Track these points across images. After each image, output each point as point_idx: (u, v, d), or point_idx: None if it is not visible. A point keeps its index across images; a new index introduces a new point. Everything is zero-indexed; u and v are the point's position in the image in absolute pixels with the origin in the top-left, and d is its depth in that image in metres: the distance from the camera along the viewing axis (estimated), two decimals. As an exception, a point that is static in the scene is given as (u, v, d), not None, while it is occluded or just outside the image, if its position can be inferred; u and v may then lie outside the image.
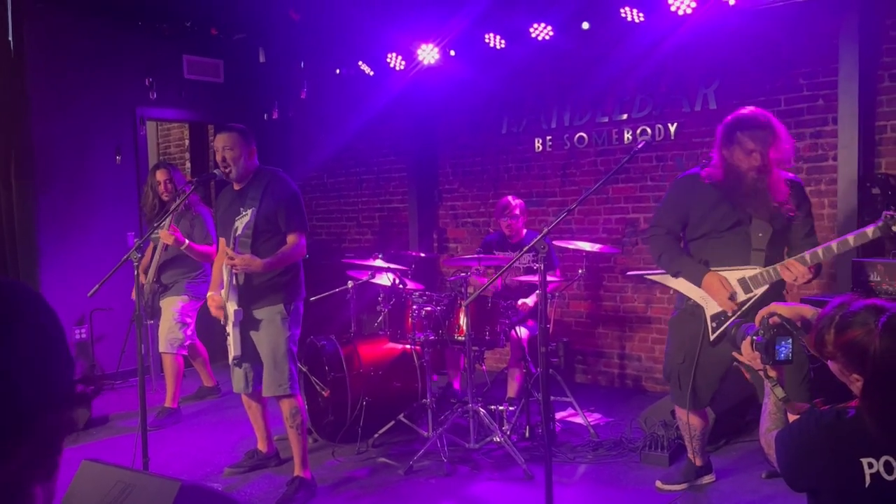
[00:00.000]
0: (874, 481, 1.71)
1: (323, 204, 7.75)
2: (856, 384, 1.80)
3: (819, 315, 1.91)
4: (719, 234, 3.35)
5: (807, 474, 1.83)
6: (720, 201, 3.33)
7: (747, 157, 3.21)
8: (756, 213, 3.27)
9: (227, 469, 4.19)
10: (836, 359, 1.83)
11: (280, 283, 3.76)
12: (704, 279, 3.32)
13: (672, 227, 3.51)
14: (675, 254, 3.46)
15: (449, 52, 5.95)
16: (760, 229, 3.27)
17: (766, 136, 3.19)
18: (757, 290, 3.25)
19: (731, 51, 5.09)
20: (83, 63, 6.29)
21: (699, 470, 3.76)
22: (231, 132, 3.76)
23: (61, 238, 6.16)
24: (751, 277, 3.26)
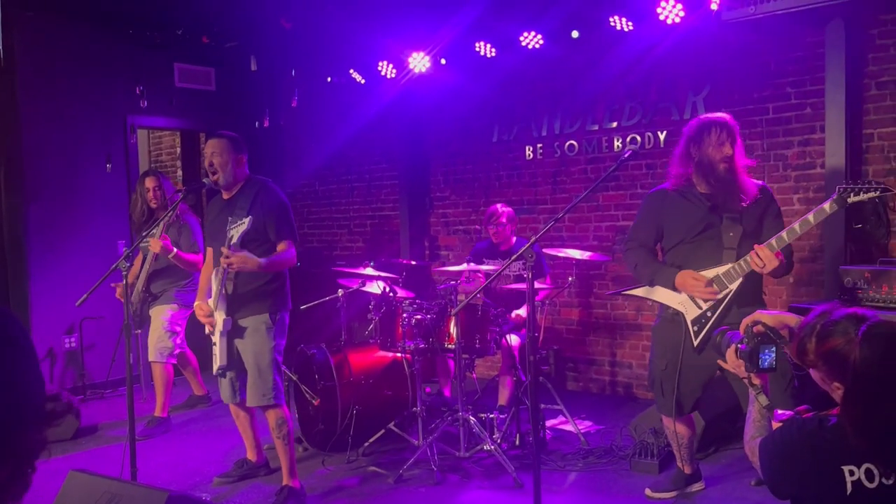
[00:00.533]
0: (855, 489, 1.72)
1: (315, 211, 7.76)
2: (837, 392, 1.81)
3: (801, 324, 1.92)
4: (691, 240, 3.41)
5: (789, 481, 1.84)
6: (689, 208, 3.42)
7: (719, 148, 3.31)
8: (727, 207, 3.34)
9: (217, 479, 4.18)
10: (817, 367, 1.84)
11: (266, 293, 3.75)
12: (676, 279, 3.38)
13: (644, 241, 3.58)
14: (647, 262, 3.53)
15: (440, 60, 5.97)
16: (731, 229, 3.34)
17: (733, 133, 3.33)
18: (731, 286, 3.29)
19: (719, 59, 5.12)
20: (74, 71, 6.29)
21: (688, 478, 3.76)
22: (221, 138, 3.77)
23: (51, 247, 6.14)
24: (723, 274, 3.31)
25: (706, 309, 3.34)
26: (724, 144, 3.31)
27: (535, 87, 6.03)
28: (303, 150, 7.60)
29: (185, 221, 5.13)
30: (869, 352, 1.72)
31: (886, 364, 1.72)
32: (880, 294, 3.78)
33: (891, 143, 4.51)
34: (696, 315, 3.37)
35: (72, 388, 6.12)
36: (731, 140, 3.32)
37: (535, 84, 6.03)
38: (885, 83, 4.51)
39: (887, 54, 4.49)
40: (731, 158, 3.31)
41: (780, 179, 4.92)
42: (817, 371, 1.85)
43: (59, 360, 6.21)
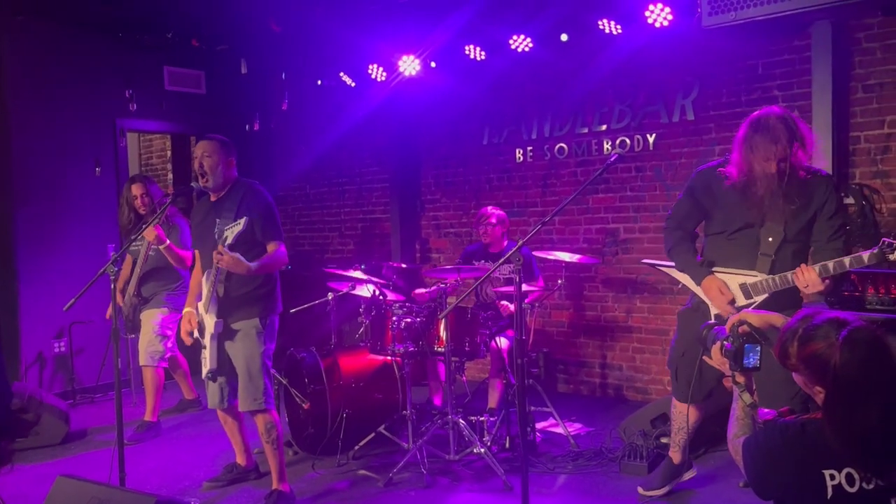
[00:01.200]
0: (836, 493, 1.74)
1: (305, 214, 7.75)
2: (819, 396, 1.83)
3: (784, 327, 1.94)
4: (730, 234, 3.31)
5: (772, 485, 1.85)
6: (733, 201, 3.25)
7: (764, 164, 3.11)
8: (774, 207, 3.17)
9: (206, 483, 4.17)
10: (799, 371, 1.85)
11: (257, 296, 3.75)
12: (703, 282, 3.31)
13: (683, 222, 3.47)
14: (681, 251, 3.44)
15: (430, 63, 5.98)
16: (771, 233, 3.20)
17: (784, 141, 3.07)
18: (757, 298, 3.21)
19: (707, 62, 5.15)
20: (63, 75, 6.27)
21: (678, 468, 3.74)
22: (211, 141, 3.77)
23: (40, 251, 6.12)
24: (752, 284, 3.22)
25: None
26: (768, 161, 3.08)
27: (525, 91, 6.05)
28: (293, 153, 7.60)
29: (174, 223, 5.12)
30: (849, 356, 1.73)
31: (866, 369, 1.73)
32: (867, 295, 3.80)
33: (877, 146, 4.55)
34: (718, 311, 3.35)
35: (61, 393, 6.09)
36: (779, 154, 3.07)
37: (524, 87, 6.05)
38: (871, 86, 4.54)
39: (874, 57, 4.53)
40: (781, 172, 3.08)
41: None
42: (800, 375, 1.86)
43: (48, 364, 6.18)
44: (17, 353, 6.01)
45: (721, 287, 3.27)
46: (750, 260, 3.25)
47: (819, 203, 3.20)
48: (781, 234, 3.19)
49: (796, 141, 3.11)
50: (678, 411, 3.66)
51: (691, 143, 5.28)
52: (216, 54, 6.76)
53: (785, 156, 3.08)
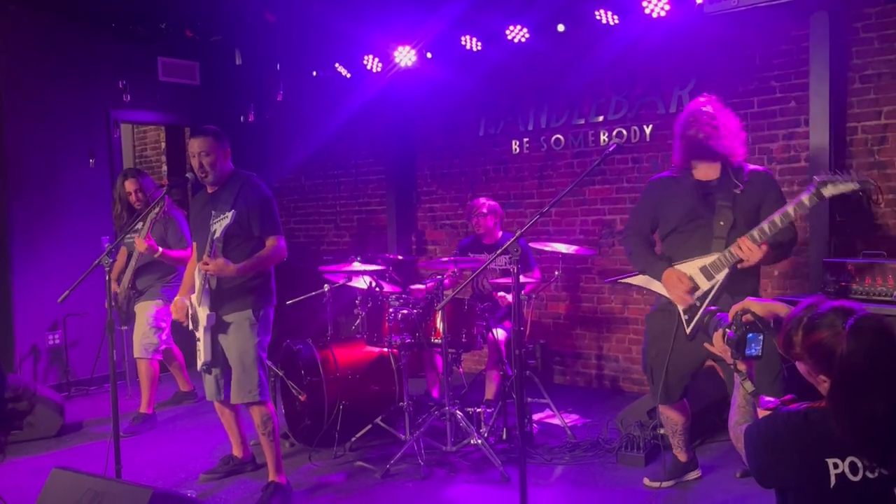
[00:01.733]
0: (839, 482, 1.73)
1: (301, 206, 7.72)
2: (823, 385, 1.82)
3: (788, 316, 1.92)
4: (683, 229, 3.42)
5: (774, 473, 1.85)
6: (683, 195, 3.41)
7: (696, 130, 3.32)
8: (720, 195, 3.33)
9: (203, 475, 4.15)
10: (803, 360, 1.84)
11: (250, 288, 3.73)
12: (663, 275, 3.40)
13: (640, 228, 3.60)
14: (640, 252, 3.55)
15: (426, 54, 5.95)
16: (722, 218, 3.32)
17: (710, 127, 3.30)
18: (718, 276, 3.29)
19: (704, 53, 5.13)
20: (56, 65, 6.22)
21: (685, 466, 3.81)
22: (206, 136, 3.72)
23: (34, 243, 6.08)
24: (710, 264, 3.31)
25: (696, 299, 3.35)
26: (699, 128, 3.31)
27: (522, 81, 6.02)
28: (288, 145, 7.56)
29: (170, 216, 5.08)
30: (856, 345, 1.72)
31: (873, 358, 1.72)
32: (864, 286, 3.80)
33: (874, 136, 4.54)
34: (687, 305, 3.38)
35: (56, 386, 6.07)
36: (713, 122, 3.30)
37: (521, 78, 6.02)
38: (868, 76, 4.53)
39: (871, 47, 4.52)
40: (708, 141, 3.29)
41: (765, 173, 4.93)
42: (803, 364, 1.85)
43: (42, 356, 6.15)
44: (12, 345, 5.98)
45: (679, 276, 3.35)
46: (705, 248, 3.34)
47: (762, 191, 3.35)
48: (731, 218, 3.31)
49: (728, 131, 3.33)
50: (665, 416, 3.72)
51: (688, 133, 5.25)
52: (210, 45, 6.71)
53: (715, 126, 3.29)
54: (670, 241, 3.50)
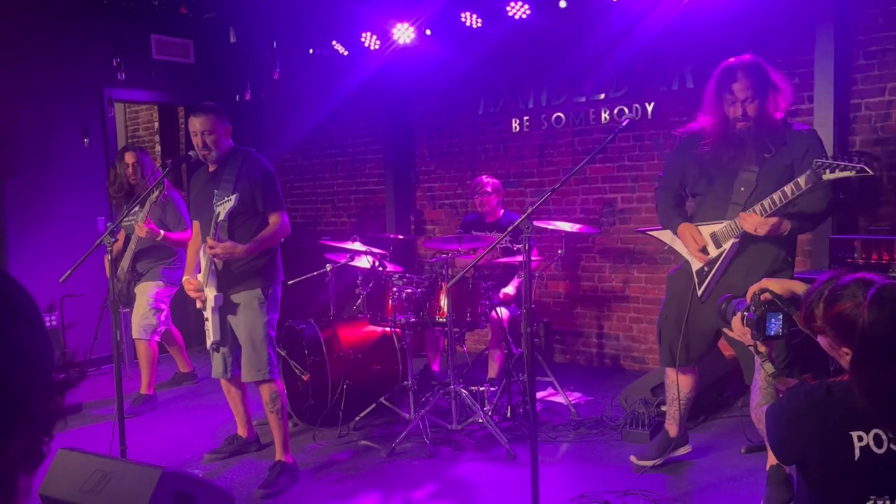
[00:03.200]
0: (863, 454, 1.73)
1: (298, 186, 7.66)
2: (845, 358, 1.81)
3: (808, 290, 1.92)
4: (705, 190, 3.35)
5: (797, 447, 1.85)
6: (709, 157, 3.28)
7: (732, 107, 3.16)
8: (747, 158, 3.19)
9: (207, 455, 4.14)
10: (825, 333, 1.83)
11: (257, 268, 3.70)
12: (678, 229, 3.37)
13: (669, 184, 3.51)
14: (663, 207, 3.50)
15: (425, 31, 5.87)
16: (743, 184, 3.20)
17: (750, 84, 3.10)
18: (726, 245, 3.24)
19: (708, 29, 5.09)
20: (48, 43, 6.11)
21: (675, 441, 3.73)
22: (207, 114, 3.67)
23: (28, 223, 6.01)
24: (719, 231, 3.26)
25: (704, 264, 3.33)
26: (735, 104, 3.13)
27: (522, 59, 5.97)
28: (285, 124, 7.48)
29: (168, 197, 5.03)
30: (878, 314, 1.71)
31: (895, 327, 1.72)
32: (870, 262, 3.81)
33: (878, 113, 4.53)
34: (698, 267, 3.37)
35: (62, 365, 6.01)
36: (750, 93, 3.10)
37: (521, 55, 5.97)
38: (873, 52, 4.51)
39: (875, 24, 4.49)
40: (748, 116, 3.14)
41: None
42: (825, 337, 1.84)
43: (39, 338, 6.09)
44: (8, 327, 5.92)
45: (694, 234, 3.31)
46: (721, 213, 3.27)
47: (798, 155, 3.14)
48: (753, 183, 3.18)
49: (769, 88, 3.13)
50: (670, 381, 3.65)
51: (691, 111, 5.20)
52: (205, 23, 6.61)
53: (751, 97, 3.11)
54: (698, 202, 3.43)
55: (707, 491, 3.50)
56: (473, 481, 3.76)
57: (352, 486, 3.74)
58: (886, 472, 1.74)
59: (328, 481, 3.81)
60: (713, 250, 3.30)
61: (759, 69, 3.13)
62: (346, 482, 3.79)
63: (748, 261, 3.24)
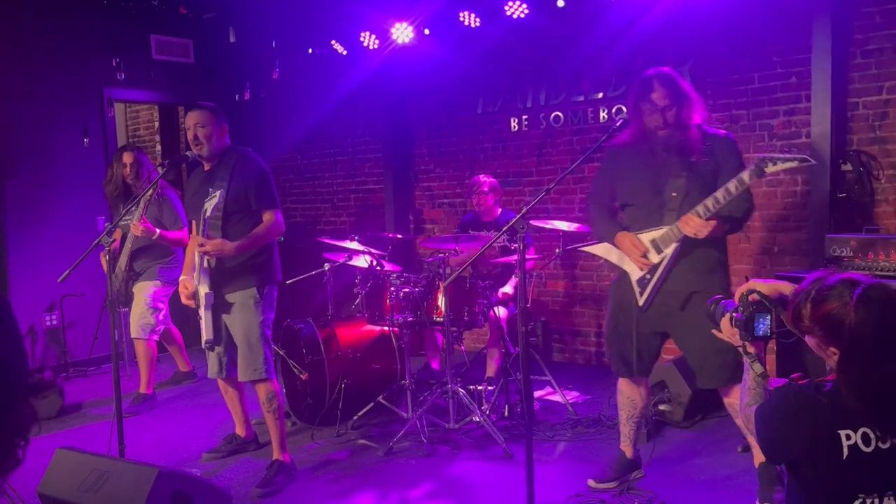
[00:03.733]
0: (852, 453, 1.74)
1: (297, 185, 7.67)
2: (833, 358, 1.82)
3: (796, 290, 1.93)
4: (637, 200, 3.36)
5: (786, 447, 1.86)
6: (637, 166, 3.30)
7: (651, 116, 3.23)
8: (674, 164, 3.24)
9: (206, 454, 4.15)
10: (813, 333, 1.84)
11: (254, 266, 3.71)
12: (616, 238, 3.36)
13: (600, 196, 3.51)
14: (598, 220, 3.50)
15: (423, 30, 5.88)
16: (674, 189, 3.24)
17: (670, 94, 3.19)
18: (667, 250, 3.24)
19: (705, 28, 5.09)
20: (47, 43, 6.13)
21: (630, 464, 3.61)
22: (203, 109, 3.70)
23: (28, 223, 6.03)
24: (660, 238, 3.26)
25: (645, 272, 3.32)
26: (654, 113, 3.20)
27: (520, 58, 5.98)
28: (284, 124, 7.50)
29: (164, 196, 5.04)
30: (865, 314, 1.73)
31: (881, 326, 1.73)
32: (866, 262, 3.81)
33: (875, 112, 4.53)
34: (639, 276, 3.36)
35: (54, 367, 6.05)
36: (668, 101, 3.18)
37: (520, 55, 5.97)
38: (870, 51, 4.51)
39: (873, 22, 4.49)
40: (668, 123, 3.19)
41: (766, 149, 4.92)
42: (813, 337, 1.85)
43: (39, 338, 6.13)
44: (8, 326, 5.94)
45: (633, 241, 3.30)
46: (657, 220, 3.28)
47: (720, 159, 3.23)
48: (684, 189, 3.23)
49: (683, 97, 3.22)
50: (624, 397, 3.58)
51: (688, 110, 5.23)
52: (204, 22, 6.63)
53: (668, 105, 3.18)
54: (628, 212, 3.43)
55: (703, 490, 3.51)
56: (470, 480, 3.77)
57: (349, 484, 3.76)
58: (874, 471, 1.75)
59: (325, 480, 3.82)
60: (655, 256, 3.28)
61: (673, 79, 3.24)
62: (344, 481, 3.80)
63: (687, 264, 3.26)
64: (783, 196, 4.90)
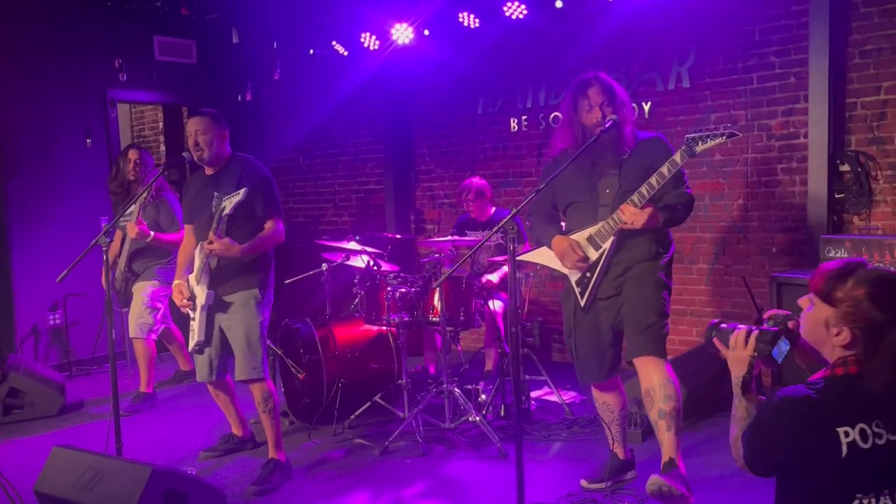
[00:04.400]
0: (850, 450, 1.72)
1: (299, 186, 7.71)
2: (837, 339, 1.80)
3: (835, 262, 1.89)
4: (574, 201, 3.38)
5: (777, 452, 1.81)
6: (570, 170, 3.24)
7: (589, 113, 3.26)
8: (606, 162, 3.27)
9: (203, 452, 4.19)
10: (839, 305, 1.80)
11: (255, 268, 3.76)
12: (553, 243, 3.37)
13: (541, 206, 3.52)
14: (537, 225, 3.52)
15: (423, 31, 5.90)
16: (608, 186, 3.27)
17: (607, 91, 3.26)
18: (605, 245, 3.26)
19: (703, 29, 5.09)
20: (51, 44, 6.18)
21: (624, 464, 3.59)
22: (204, 116, 3.74)
23: (32, 223, 6.08)
24: (595, 233, 3.27)
25: (585, 270, 3.33)
26: (593, 109, 3.25)
27: (520, 59, 5.98)
28: (286, 124, 7.53)
29: (162, 197, 5.08)
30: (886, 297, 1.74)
31: None
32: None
33: (873, 112, 4.51)
34: (578, 277, 3.36)
35: (57, 365, 6.10)
36: (603, 100, 3.25)
37: (519, 55, 5.98)
38: (868, 52, 4.49)
39: (871, 22, 4.47)
40: (602, 123, 3.21)
41: (764, 150, 4.92)
42: (835, 309, 1.81)
43: (43, 337, 6.18)
44: (12, 325, 6.01)
45: (571, 244, 3.32)
46: (593, 218, 3.31)
47: (654, 154, 3.25)
48: (617, 184, 3.26)
49: (617, 97, 3.28)
50: (600, 402, 3.57)
51: (687, 110, 5.24)
52: (207, 23, 6.66)
53: (606, 101, 3.24)
54: (568, 215, 3.45)
55: (698, 490, 3.51)
56: (465, 479, 3.79)
57: (344, 483, 3.78)
58: (872, 468, 1.73)
59: (321, 479, 3.85)
60: (593, 254, 3.30)
61: (608, 81, 3.32)
62: (339, 480, 3.82)
63: (627, 255, 3.28)
64: (781, 196, 4.89)
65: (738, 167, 5.04)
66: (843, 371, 1.80)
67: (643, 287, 3.28)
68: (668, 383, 3.25)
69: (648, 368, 3.28)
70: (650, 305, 3.26)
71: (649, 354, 3.27)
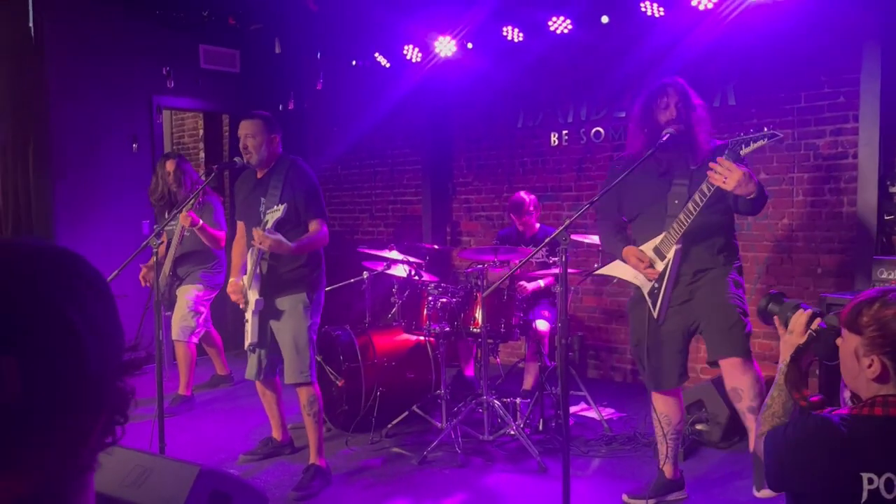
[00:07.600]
0: (871, 498, 1.64)
1: (337, 195, 7.76)
2: (868, 370, 1.71)
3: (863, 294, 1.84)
4: (642, 211, 3.36)
5: (796, 478, 1.74)
6: (641, 176, 3.23)
7: (665, 111, 3.24)
8: (676, 171, 3.25)
9: (242, 456, 4.21)
10: (864, 332, 1.72)
11: (304, 273, 3.79)
12: (623, 253, 3.36)
13: (607, 212, 3.50)
14: (606, 237, 3.51)
15: (466, 44, 5.93)
16: (676, 196, 3.25)
17: (679, 94, 3.26)
18: (669, 254, 3.24)
19: (751, 47, 5.06)
20: (101, 51, 6.31)
21: (670, 484, 3.52)
22: (254, 119, 3.79)
23: (77, 225, 6.19)
24: (660, 243, 3.26)
25: (653, 281, 3.31)
26: (668, 108, 3.23)
27: (563, 73, 5.99)
28: (326, 134, 7.60)
29: (207, 201, 5.15)
30: None
31: None
32: (914, 285, 3.74)
33: (925, 134, 4.45)
34: (649, 288, 3.34)
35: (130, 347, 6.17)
36: (677, 101, 3.24)
37: (562, 70, 5.99)
38: (921, 72, 4.44)
39: (924, 43, 4.42)
40: (681, 117, 3.21)
41: (811, 169, 4.87)
42: (862, 337, 1.73)
43: (83, 337, 6.25)
44: (54, 325, 6.08)
45: (638, 254, 3.30)
46: (661, 225, 3.27)
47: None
48: (686, 194, 3.21)
49: (693, 100, 3.27)
50: (659, 414, 3.50)
51: (732, 128, 5.18)
52: (251, 33, 6.76)
53: (682, 102, 3.22)
54: (635, 225, 3.43)
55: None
56: (503, 492, 3.77)
57: (383, 491, 3.77)
58: None
59: (360, 486, 3.84)
60: (659, 264, 3.28)
61: (686, 87, 3.31)
62: (378, 488, 3.82)
63: (696, 264, 3.27)
64: (827, 217, 4.83)
65: (784, 186, 4.99)
66: (880, 412, 1.69)
67: (719, 289, 3.28)
68: (756, 382, 3.26)
69: (735, 370, 3.27)
70: (730, 305, 3.26)
71: (736, 356, 3.26)
